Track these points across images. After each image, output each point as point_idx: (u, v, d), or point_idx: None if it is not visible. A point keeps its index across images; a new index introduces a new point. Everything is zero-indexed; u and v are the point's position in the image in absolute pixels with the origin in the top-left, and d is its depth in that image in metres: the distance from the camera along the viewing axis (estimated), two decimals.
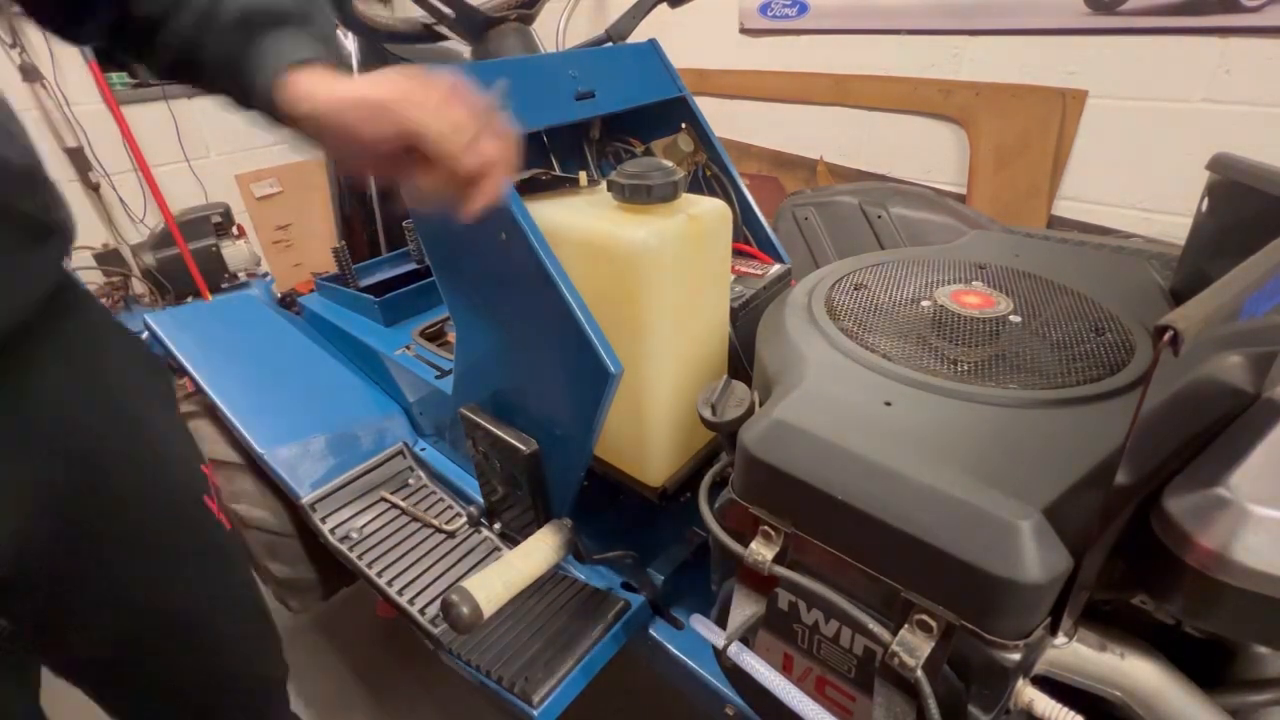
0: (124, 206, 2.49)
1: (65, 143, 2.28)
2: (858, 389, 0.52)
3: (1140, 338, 0.56)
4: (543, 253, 0.66)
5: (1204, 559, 0.38)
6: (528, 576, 0.74)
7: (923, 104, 1.77)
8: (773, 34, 2.01)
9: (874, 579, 0.46)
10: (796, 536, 0.50)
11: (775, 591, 0.54)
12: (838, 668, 0.52)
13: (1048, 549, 0.38)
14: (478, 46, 0.91)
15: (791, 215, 1.46)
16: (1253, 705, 0.47)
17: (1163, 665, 0.45)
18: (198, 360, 1.23)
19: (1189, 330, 0.30)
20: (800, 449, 0.47)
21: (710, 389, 0.60)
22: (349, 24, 0.88)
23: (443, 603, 0.68)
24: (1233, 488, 0.39)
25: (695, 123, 0.93)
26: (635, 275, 0.64)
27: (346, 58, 1.74)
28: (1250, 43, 1.30)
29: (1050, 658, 0.45)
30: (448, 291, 0.87)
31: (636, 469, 0.78)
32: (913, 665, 0.43)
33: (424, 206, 0.65)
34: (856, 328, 0.59)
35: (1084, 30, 1.48)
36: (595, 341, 0.66)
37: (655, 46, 0.92)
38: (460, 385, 0.94)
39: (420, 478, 1.15)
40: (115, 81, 2.38)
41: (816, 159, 2.03)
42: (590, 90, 0.79)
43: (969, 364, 0.53)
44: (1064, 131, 1.57)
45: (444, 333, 1.26)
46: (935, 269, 0.68)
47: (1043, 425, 0.47)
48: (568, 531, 0.79)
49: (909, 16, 1.72)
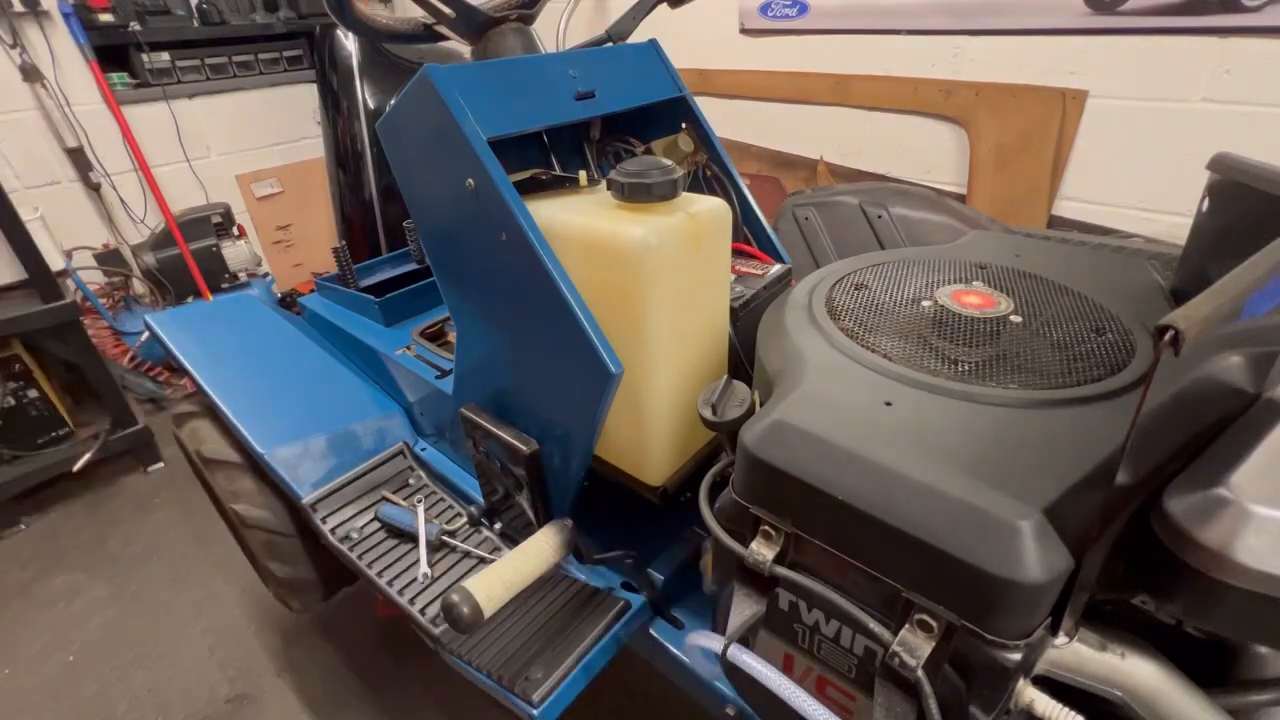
0: (124, 206, 2.49)
1: (66, 143, 2.29)
2: (858, 389, 0.52)
3: (1141, 338, 0.56)
4: (543, 252, 0.66)
5: (1204, 559, 0.38)
6: (528, 576, 0.74)
7: (923, 104, 1.77)
8: (773, 34, 2.01)
9: (874, 579, 0.46)
10: (797, 536, 0.50)
11: (776, 592, 0.54)
12: (838, 668, 0.52)
13: (1048, 549, 0.38)
14: (478, 46, 0.91)
15: (792, 215, 1.46)
16: (1253, 705, 0.47)
17: (1163, 665, 0.45)
18: (198, 360, 1.23)
19: (1190, 330, 0.30)
20: (801, 449, 0.47)
21: (710, 389, 0.60)
22: (349, 24, 0.88)
23: (443, 603, 0.68)
24: (1233, 488, 0.39)
25: (695, 123, 0.93)
26: (635, 273, 0.64)
27: (346, 59, 1.74)
28: (1250, 43, 1.30)
29: (1051, 658, 0.45)
30: (448, 291, 0.87)
31: (636, 469, 0.78)
32: (913, 665, 0.43)
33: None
34: (857, 328, 0.59)
35: (1084, 30, 1.48)
36: (595, 341, 0.66)
37: (655, 46, 0.92)
38: (460, 385, 0.94)
39: (420, 478, 1.15)
40: (115, 81, 2.39)
41: (816, 159, 2.03)
42: (590, 90, 0.79)
43: (970, 364, 0.53)
44: (1064, 131, 1.57)
45: (444, 333, 1.26)
46: (936, 269, 0.68)
47: (1043, 425, 0.47)
48: (568, 531, 0.79)
49: (909, 16, 1.72)
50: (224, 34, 2.57)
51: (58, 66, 2.22)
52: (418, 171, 0.79)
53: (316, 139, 2.78)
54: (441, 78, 0.68)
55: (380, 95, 1.76)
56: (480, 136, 0.68)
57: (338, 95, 1.79)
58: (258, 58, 2.68)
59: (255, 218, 2.88)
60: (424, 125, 0.72)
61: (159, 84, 2.46)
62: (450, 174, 0.72)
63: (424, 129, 0.72)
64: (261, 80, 2.72)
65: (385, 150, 0.80)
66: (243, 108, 2.71)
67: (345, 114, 1.80)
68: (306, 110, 2.80)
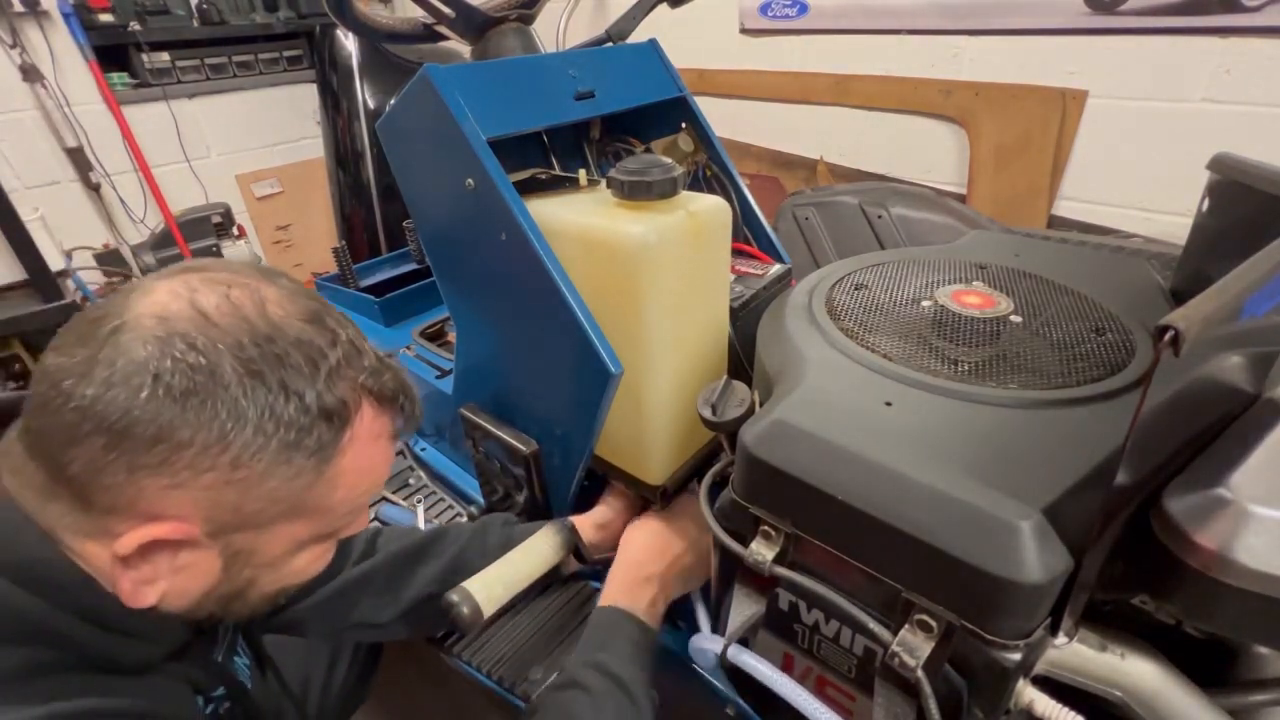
0: (124, 206, 2.48)
1: (65, 143, 2.28)
2: (858, 389, 0.52)
3: (1140, 338, 0.56)
4: (543, 252, 0.66)
5: (1204, 559, 0.38)
6: (528, 576, 0.74)
7: (923, 104, 1.77)
8: (773, 34, 2.01)
9: (874, 579, 0.46)
10: (797, 536, 0.50)
11: (775, 592, 0.54)
12: (838, 668, 0.52)
13: (1048, 549, 0.38)
14: (477, 46, 0.91)
15: (791, 215, 1.46)
16: (1253, 705, 0.47)
17: (1163, 665, 0.45)
18: None
19: (1189, 330, 0.30)
20: (800, 449, 0.47)
21: (710, 389, 0.60)
22: (349, 24, 0.88)
23: (442, 603, 0.68)
24: (1233, 488, 0.39)
25: (695, 123, 0.93)
26: (635, 271, 0.64)
27: (346, 59, 1.74)
28: (1250, 43, 1.30)
29: (1051, 658, 0.45)
30: (448, 291, 0.86)
31: (636, 468, 0.78)
32: (913, 665, 0.43)
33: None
34: (857, 328, 0.59)
35: (1084, 30, 1.48)
36: (595, 341, 0.66)
37: (655, 46, 0.92)
38: (460, 385, 0.94)
39: (420, 477, 1.15)
40: (115, 81, 2.38)
41: (816, 159, 2.03)
42: (590, 90, 0.79)
43: (969, 364, 0.53)
44: (1064, 131, 1.57)
45: (444, 333, 1.26)
46: (936, 269, 0.68)
47: (1043, 425, 0.47)
48: (568, 531, 0.79)
49: (909, 16, 1.72)
50: (224, 34, 2.57)
51: (57, 66, 2.22)
52: (417, 171, 0.79)
53: (316, 139, 2.78)
54: (441, 78, 0.68)
55: (380, 95, 1.77)
56: (480, 136, 0.68)
57: (338, 95, 1.79)
58: (258, 58, 2.68)
59: (255, 218, 2.88)
60: (424, 125, 0.72)
61: (159, 84, 2.46)
62: (450, 174, 0.72)
63: (424, 129, 0.72)
64: (261, 80, 2.72)
65: (385, 150, 0.80)
66: (243, 108, 2.71)
67: (345, 114, 1.80)
68: (306, 110, 2.80)
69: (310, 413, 0.43)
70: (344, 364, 0.45)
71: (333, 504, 0.47)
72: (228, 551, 0.45)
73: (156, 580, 0.43)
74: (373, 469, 0.49)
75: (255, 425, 0.41)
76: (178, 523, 0.41)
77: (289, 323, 0.43)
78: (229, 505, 0.42)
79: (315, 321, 0.45)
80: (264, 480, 0.42)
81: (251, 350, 0.41)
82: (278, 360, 0.41)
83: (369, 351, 0.48)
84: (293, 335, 0.43)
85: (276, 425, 0.41)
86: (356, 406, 0.46)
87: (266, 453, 0.41)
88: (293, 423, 0.42)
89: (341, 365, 0.45)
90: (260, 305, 0.43)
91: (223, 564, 0.45)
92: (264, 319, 0.42)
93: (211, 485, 0.41)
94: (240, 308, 0.42)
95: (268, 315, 0.43)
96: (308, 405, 0.42)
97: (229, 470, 0.41)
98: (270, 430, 0.41)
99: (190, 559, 0.43)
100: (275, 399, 0.41)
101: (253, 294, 0.43)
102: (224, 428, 0.40)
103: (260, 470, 0.42)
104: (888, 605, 0.46)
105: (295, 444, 0.42)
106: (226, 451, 0.40)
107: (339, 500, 0.47)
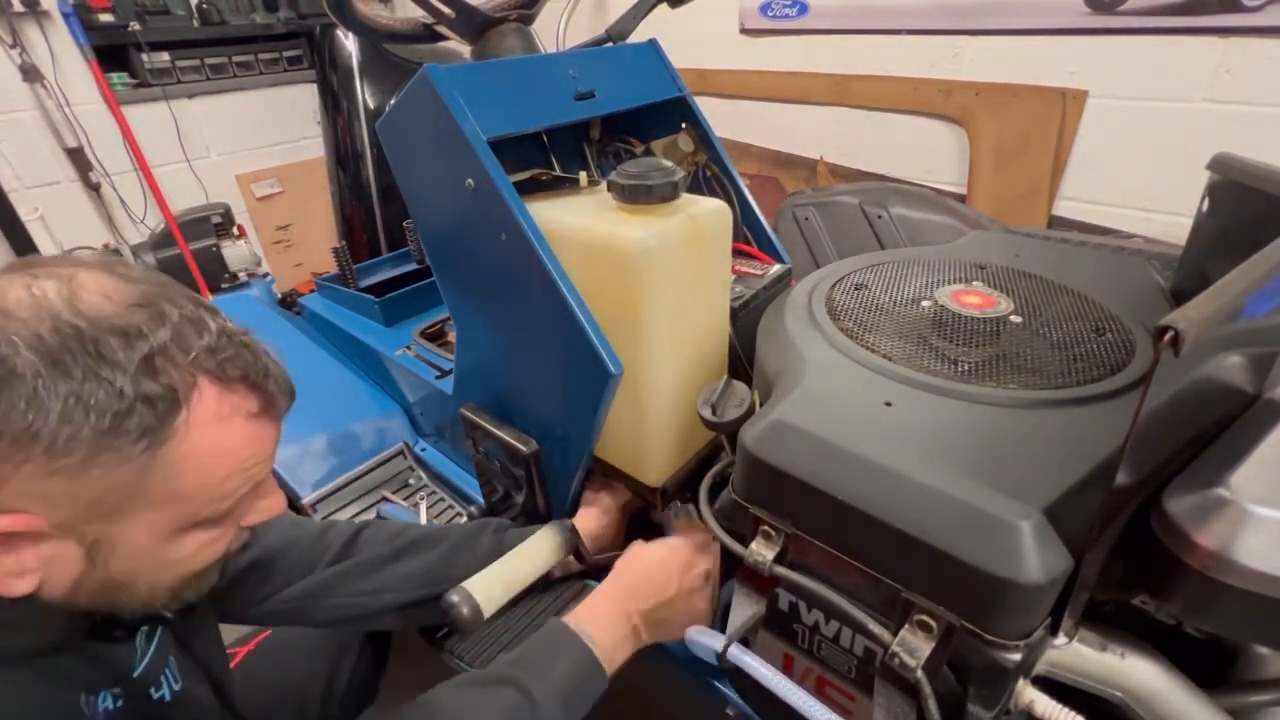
0: (124, 206, 2.48)
1: (65, 143, 2.28)
2: (858, 389, 0.52)
3: (1141, 338, 0.56)
4: (543, 253, 0.66)
5: (1204, 559, 0.38)
6: (527, 577, 0.74)
7: (923, 104, 1.77)
8: (773, 34, 2.01)
9: (874, 579, 0.46)
10: (797, 537, 0.50)
11: (775, 592, 0.54)
12: (838, 668, 0.53)
13: (1048, 549, 0.38)
14: (477, 46, 0.91)
15: (791, 215, 1.46)
16: (1253, 705, 0.47)
17: (1163, 666, 0.45)
18: None
19: (1190, 331, 0.30)
20: (800, 449, 0.47)
21: (710, 389, 0.60)
22: (349, 24, 0.88)
23: (442, 603, 0.68)
24: (1233, 488, 0.39)
25: (695, 123, 0.93)
26: (635, 275, 0.64)
27: (346, 59, 1.74)
28: (1250, 43, 1.30)
29: (1051, 658, 0.45)
30: (448, 291, 0.86)
31: (636, 469, 0.78)
32: (913, 665, 0.43)
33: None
34: (857, 328, 0.59)
35: (1084, 30, 1.48)
36: (595, 341, 0.66)
37: (655, 46, 0.92)
38: (460, 385, 0.94)
39: (420, 478, 1.15)
40: (115, 81, 2.38)
41: (816, 159, 2.03)
42: (590, 90, 0.79)
43: (969, 364, 0.53)
44: (1064, 131, 1.57)
45: (444, 333, 1.26)
46: (936, 269, 0.68)
47: (1043, 425, 0.47)
48: (568, 531, 0.79)
49: (909, 16, 1.72)
50: (224, 34, 2.56)
51: (57, 66, 2.22)
52: (417, 172, 0.79)
53: (316, 139, 2.77)
54: (441, 78, 0.68)
55: (380, 95, 1.76)
56: (480, 136, 0.68)
57: (338, 95, 1.79)
58: (258, 58, 2.68)
59: (255, 218, 2.88)
60: (424, 125, 0.72)
61: (159, 84, 2.45)
62: (450, 174, 0.72)
63: (424, 129, 0.72)
64: (261, 80, 2.72)
65: (385, 150, 0.80)
66: (243, 108, 2.70)
67: (345, 114, 1.79)
68: (306, 110, 2.80)
69: (125, 397, 0.41)
70: (171, 345, 0.44)
71: (184, 490, 0.45)
72: (85, 542, 0.44)
73: (26, 572, 0.43)
74: (230, 451, 0.47)
75: (60, 414, 0.40)
76: (20, 515, 0.41)
77: (106, 309, 0.42)
78: (63, 496, 0.42)
79: (146, 305, 0.44)
80: (88, 468, 0.41)
81: (51, 340, 0.40)
82: (84, 348, 0.41)
83: (212, 330, 0.47)
84: (108, 322, 0.42)
85: (86, 413, 0.40)
86: (190, 387, 0.44)
87: (80, 441, 0.40)
88: (105, 409, 0.41)
89: (168, 346, 0.43)
90: (70, 296, 0.42)
91: (83, 554, 0.44)
92: (71, 309, 0.41)
93: (35, 476, 0.40)
94: (42, 299, 0.41)
95: (77, 305, 0.42)
96: (120, 390, 0.41)
97: (46, 460, 0.40)
98: (79, 418, 0.40)
99: (51, 551, 0.43)
100: (81, 386, 0.40)
101: (64, 285, 0.42)
102: (26, 418, 0.39)
103: (80, 459, 0.41)
104: (887, 605, 0.46)
105: (113, 430, 0.41)
106: (36, 442, 0.40)
107: (191, 485, 0.45)
